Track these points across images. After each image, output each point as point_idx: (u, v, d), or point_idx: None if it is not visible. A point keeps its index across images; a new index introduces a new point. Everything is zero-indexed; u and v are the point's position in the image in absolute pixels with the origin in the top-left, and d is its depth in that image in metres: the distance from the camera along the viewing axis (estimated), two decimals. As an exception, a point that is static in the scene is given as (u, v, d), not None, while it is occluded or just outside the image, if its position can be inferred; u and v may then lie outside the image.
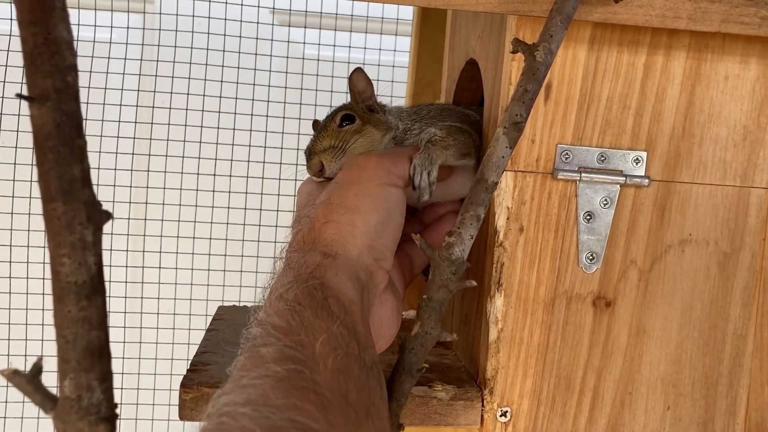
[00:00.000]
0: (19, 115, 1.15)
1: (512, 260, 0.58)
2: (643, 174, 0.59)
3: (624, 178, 0.58)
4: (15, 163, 1.17)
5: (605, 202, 0.59)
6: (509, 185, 0.58)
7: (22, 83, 0.38)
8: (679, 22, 0.54)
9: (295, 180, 1.13)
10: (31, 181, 1.09)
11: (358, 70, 0.66)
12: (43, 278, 1.12)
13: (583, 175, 0.58)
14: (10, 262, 1.22)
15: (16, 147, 1.16)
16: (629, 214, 0.59)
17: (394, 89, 1.11)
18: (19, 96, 0.37)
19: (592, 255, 0.59)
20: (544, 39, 0.47)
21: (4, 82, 1.14)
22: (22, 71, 0.37)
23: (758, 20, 0.55)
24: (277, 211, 1.28)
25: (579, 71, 0.57)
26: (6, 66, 1.15)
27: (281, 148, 1.23)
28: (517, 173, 0.58)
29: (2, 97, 1.14)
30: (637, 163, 0.59)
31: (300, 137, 1.21)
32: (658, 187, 0.59)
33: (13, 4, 0.38)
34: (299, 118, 1.21)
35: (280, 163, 1.24)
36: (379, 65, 1.17)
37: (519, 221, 0.58)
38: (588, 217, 0.59)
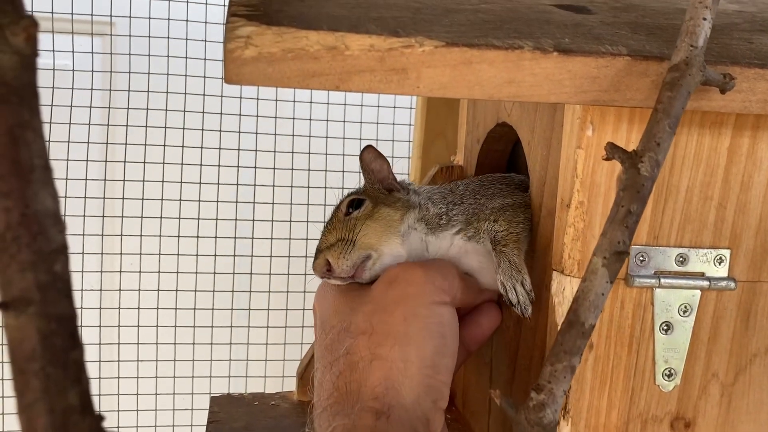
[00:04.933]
0: None
1: (581, 383, 0.50)
2: (727, 275, 0.51)
3: (707, 282, 0.50)
4: None
5: (684, 310, 0.50)
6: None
7: None
8: (782, 108, 0.46)
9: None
10: None
11: (369, 148, 0.56)
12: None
13: (661, 280, 0.49)
14: None
15: None
16: (711, 321, 0.51)
17: (395, 132, 1.02)
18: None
19: (669, 371, 0.51)
20: (649, 147, 0.38)
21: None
22: None
23: None
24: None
25: (655, 159, 0.49)
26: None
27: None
28: (585, 281, 0.49)
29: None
30: (720, 263, 0.50)
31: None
32: (742, 288, 0.51)
33: None
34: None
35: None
36: (378, 106, 1.07)
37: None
38: (665, 328, 0.50)
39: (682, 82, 0.38)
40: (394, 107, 1.07)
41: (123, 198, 1.06)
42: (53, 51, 1.10)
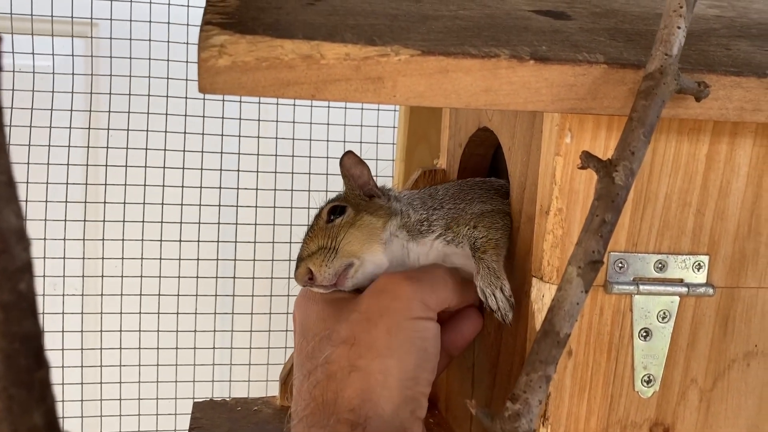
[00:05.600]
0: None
1: (560, 389, 0.50)
2: (705, 281, 0.51)
3: (686, 288, 0.50)
4: None
5: (663, 316, 0.50)
6: (555, 302, 0.49)
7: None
8: (759, 115, 0.46)
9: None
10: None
11: (349, 154, 0.56)
12: None
13: (640, 287, 0.49)
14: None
15: None
16: (689, 327, 0.51)
17: (379, 135, 1.01)
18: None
19: (648, 377, 0.51)
20: (623, 156, 0.38)
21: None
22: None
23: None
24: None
25: (634, 166, 0.49)
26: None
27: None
28: (564, 288, 0.49)
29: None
30: (698, 270, 0.51)
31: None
32: (721, 294, 0.51)
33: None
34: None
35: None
36: (362, 108, 1.06)
37: (567, 344, 0.49)
38: (644, 334, 0.50)
39: (657, 91, 0.38)
40: (378, 110, 1.07)
41: (105, 202, 1.05)
42: (33, 53, 1.08)
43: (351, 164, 0.57)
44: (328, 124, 1.08)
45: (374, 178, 0.59)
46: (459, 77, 0.40)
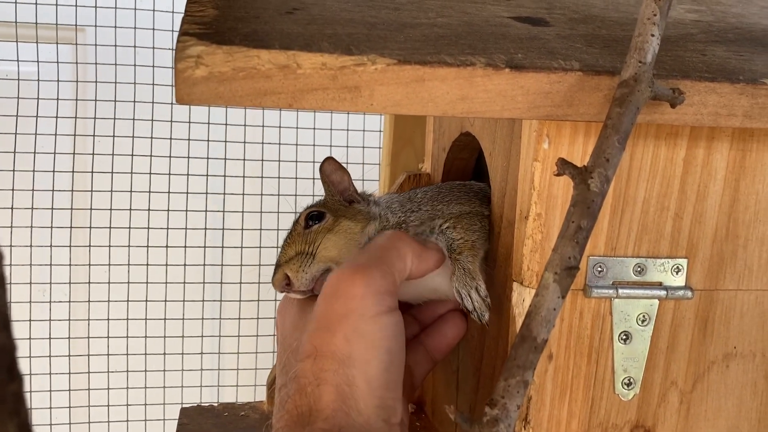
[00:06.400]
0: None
1: (541, 393, 0.50)
2: (684, 284, 0.51)
3: (665, 292, 0.50)
4: None
5: (643, 319, 0.51)
6: (535, 306, 0.49)
7: None
8: (733, 120, 0.46)
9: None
10: None
11: (329, 160, 0.56)
12: None
13: (619, 291, 0.50)
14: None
15: None
16: (669, 330, 0.52)
17: (366, 139, 1.02)
18: None
19: (629, 380, 0.51)
20: (598, 163, 0.39)
21: None
22: None
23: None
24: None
25: (612, 171, 0.49)
26: None
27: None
28: (544, 292, 0.49)
29: None
30: (677, 273, 0.51)
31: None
32: (700, 297, 0.52)
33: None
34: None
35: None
36: (348, 113, 1.07)
37: (547, 348, 0.50)
38: (624, 337, 0.51)
39: (631, 98, 0.39)
40: (364, 114, 1.07)
41: (91, 209, 1.05)
42: (18, 60, 1.08)
43: (331, 170, 0.57)
44: (314, 128, 1.08)
45: (357, 183, 0.60)
46: (435, 86, 0.40)
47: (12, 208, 1.04)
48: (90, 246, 1.07)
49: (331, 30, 0.43)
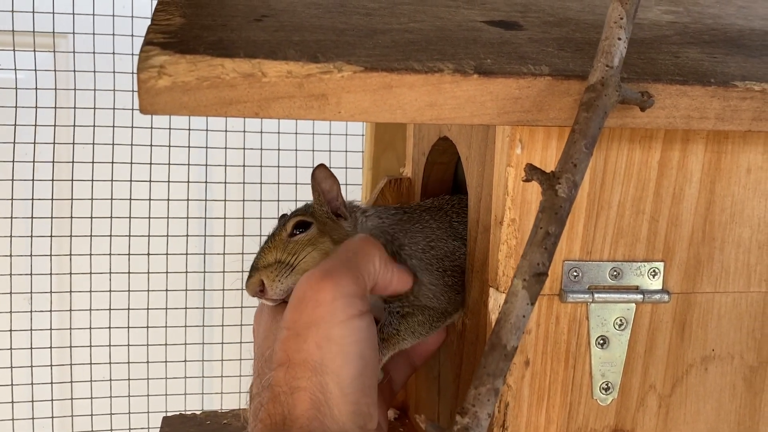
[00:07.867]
0: None
1: (518, 399, 0.50)
2: (661, 288, 0.51)
3: (641, 295, 0.50)
4: None
5: (620, 324, 0.51)
6: (511, 312, 0.49)
7: None
8: (706, 123, 0.46)
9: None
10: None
11: (322, 167, 0.55)
12: None
13: (595, 295, 0.49)
14: None
15: None
16: (646, 334, 0.51)
17: (348, 143, 1.01)
18: None
19: (607, 384, 0.51)
20: (566, 169, 0.38)
21: None
22: None
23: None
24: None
25: (586, 175, 0.49)
26: None
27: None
28: (520, 298, 0.49)
29: None
30: (654, 276, 0.51)
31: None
32: (677, 300, 0.51)
33: None
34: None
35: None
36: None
37: (524, 353, 0.49)
38: (601, 342, 0.50)
39: (599, 103, 0.38)
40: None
41: (71, 217, 1.04)
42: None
43: (323, 177, 0.55)
44: (296, 133, 1.08)
45: (344, 189, 0.59)
46: (403, 93, 0.40)
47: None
48: (71, 255, 1.06)
49: (298, 37, 0.43)
